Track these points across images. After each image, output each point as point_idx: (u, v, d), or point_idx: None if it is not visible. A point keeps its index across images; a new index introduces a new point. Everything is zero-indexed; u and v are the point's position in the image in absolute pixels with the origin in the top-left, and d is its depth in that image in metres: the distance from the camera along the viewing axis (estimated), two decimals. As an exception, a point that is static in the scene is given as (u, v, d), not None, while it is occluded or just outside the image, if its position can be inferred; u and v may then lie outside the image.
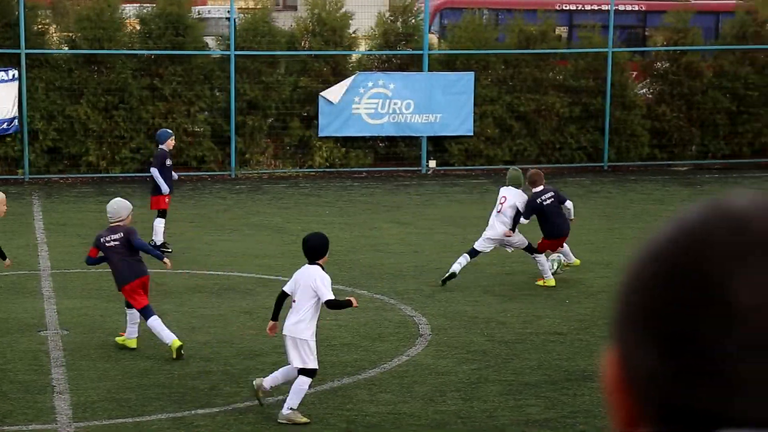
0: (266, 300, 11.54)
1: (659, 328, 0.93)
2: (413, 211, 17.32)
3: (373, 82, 20.98)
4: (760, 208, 0.93)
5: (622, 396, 0.98)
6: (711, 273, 0.91)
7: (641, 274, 0.95)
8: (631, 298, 0.96)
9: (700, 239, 0.92)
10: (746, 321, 0.90)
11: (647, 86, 22.66)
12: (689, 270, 0.92)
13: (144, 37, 20.55)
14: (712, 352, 0.91)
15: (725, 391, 0.92)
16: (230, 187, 19.86)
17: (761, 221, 0.92)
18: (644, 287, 0.94)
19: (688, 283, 0.92)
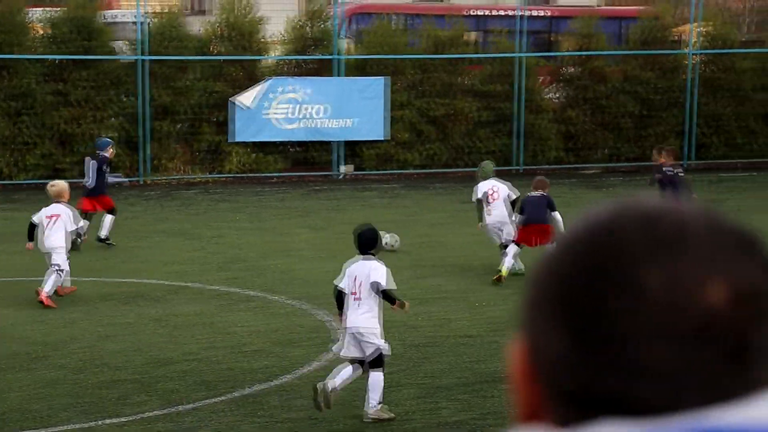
0: (176, 307, 11.44)
1: (571, 314, 0.96)
2: (326, 216, 17.32)
3: (285, 87, 20.94)
4: (667, 207, 0.98)
5: (529, 384, 1.00)
6: (623, 261, 0.95)
7: (556, 264, 0.98)
8: (544, 286, 0.99)
9: (612, 230, 0.97)
10: (655, 308, 0.94)
11: (556, 91, 23.04)
12: (601, 257, 0.96)
13: (51, 42, 20.19)
14: (622, 337, 0.94)
15: (632, 376, 0.94)
16: (140, 193, 19.61)
17: (669, 219, 0.97)
18: (558, 276, 0.98)
19: (601, 272, 0.95)
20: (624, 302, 0.94)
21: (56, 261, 11.71)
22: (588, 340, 0.95)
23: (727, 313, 0.94)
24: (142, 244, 15.05)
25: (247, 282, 12.67)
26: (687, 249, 0.95)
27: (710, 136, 23.26)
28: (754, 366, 0.96)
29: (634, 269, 0.94)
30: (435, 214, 17.60)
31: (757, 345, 0.96)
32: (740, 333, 0.95)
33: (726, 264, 0.95)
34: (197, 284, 12.57)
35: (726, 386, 0.95)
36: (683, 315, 0.94)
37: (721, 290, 0.94)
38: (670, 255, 0.95)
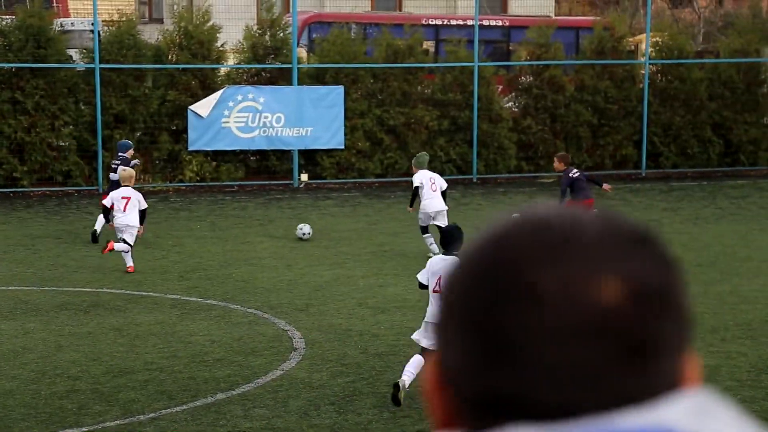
0: (136, 316, 11.35)
1: (470, 319, 0.98)
2: (286, 225, 17.28)
3: (243, 96, 20.88)
4: (558, 213, 1.00)
5: (440, 392, 1.01)
6: (517, 265, 0.97)
7: (458, 275, 1.01)
8: (448, 297, 1.01)
9: (508, 237, 0.99)
10: (550, 307, 0.95)
11: (513, 100, 23.19)
12: (497, 264, 0.98)
13: (3, 50, 19.98)
14: (519, 339, 0.95)
15: (531, 379, 0.95)
16: (97, 202, 19.42)
17: (562, 223, 0.98)
18: (459, 286, 1.00)
19: (496, 276, 0.97)
20: (519, 306, 0.95)
21: (128, 240, 13.65)
22: (488, 347, 0.96)
23: (623, 310, 0.95)
24: (99, 252, 14.91)
25: (207, 291, 12.60)
26: (579, 250, 0.96)
27: (664, 145, 23.54)
28: (654, 362, 0.96)
29: (527, 274, 0.96)
30: (394, 223, 17.63)
31: (656, 340, 0.96)
32: (637, 329, 0.95)
33: (619, 262, 0.96)
34: (157, 293, 12.49)
35: (626, 384, 0.95)
36: (578, 314, 0.94)
37: (616, 288, 0.95)
38: (563, 257, 0.96)
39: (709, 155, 23.72)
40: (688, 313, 1.00)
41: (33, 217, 17.81)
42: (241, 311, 11.66)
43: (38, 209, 18.66)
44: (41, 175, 20.26)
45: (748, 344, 10.21)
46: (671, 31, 24.15)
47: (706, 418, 0.94)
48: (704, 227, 17.13)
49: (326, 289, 12.75)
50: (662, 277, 0.99)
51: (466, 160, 22.40)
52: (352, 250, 15.21)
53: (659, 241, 1.01)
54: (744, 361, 9.66)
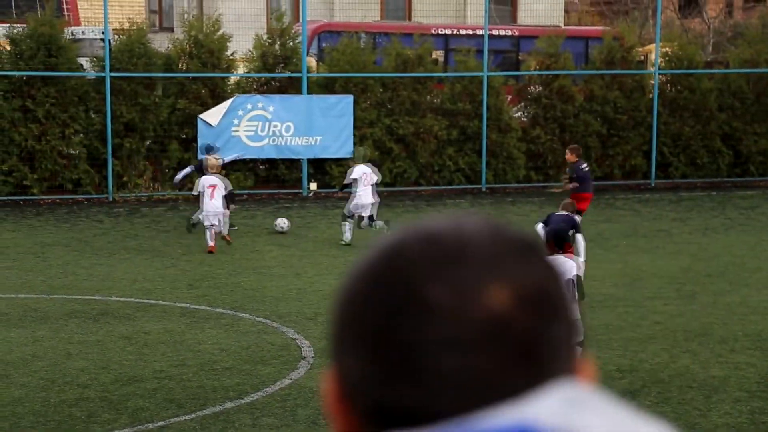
0: (145, 324, 11.38)
1: (366, 333, 0.99)
2: (294, 234, 17.30)
3: (253, 105, 20.93)
4: (449, 224, 1.02)
5: (338, 407, 1.02)
6: (408, 279, 0.98)
7: (349, 288, 1.02)
8: (341, 311, 1.02)
9: (398, 251, 1.00)
10: (442, 318, 0.96)
11: (522, 110, 23.20)
12: (389, 278, 0.99)
13: (15, 58, 20.06)
14: (414, 350, 0.97)
15: (424, 386, 0.97)
16: (108, 210, 19.50)
17: (450, 234, 1.00)
18: (351, 299, 1.01)
19: (389, 290, 0.99)
20: (409, 315, 0.97)
21: (213, 221, 15.36)
22: (384, 357, 0.97)
23: (512, 316, 0.97)
24: (110, 260, 14.96)
25: (216, 299, 12.62)
26: (467, 259, 0.98)
27: (674, 156, 23.52)
28: (543, 364, 0.98)
29: (417, 283, 0.97)
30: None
31: (544, 343, 0.98)
32: (527, 334, 0.97)
33: (507, 269, 0.98)
34: (166, 302, 12.51)
35: (517, 388, 0.97)
36: (468, 321, 0.96)
37: (504, 294, 0.97)
38: (451, 266, 0.97)
39: (719, 165, 23.69)
40: (572, 317, 1.03)
41: (43, 225, 17.87)
42: (249, 320, 11.68)
43: (48, 217, 18.72)
44: (51, 183, 20.33)
45: (757, 355, 10.19)
46: (681, 42, 24.14)
47: (577, 411, 0.95)
48: (714, 238, 17.10)
49: (335, 298, 12.74)
50: (547, 282, 1.01)
51: (475, 170, 22.41)
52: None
53: (542, 248, 1.04)
54: (753, 372, 9.64)
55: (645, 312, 12.01)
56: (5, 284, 13.34)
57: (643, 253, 15.77)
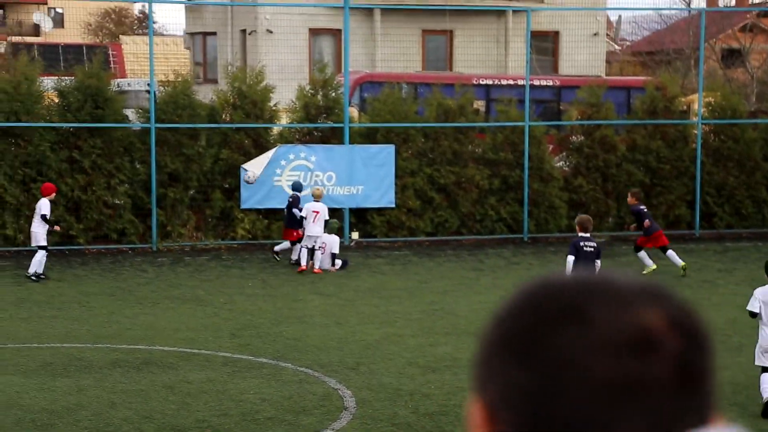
0: (188, 374, 11.41)
1: (521, 346, 1.07)
2: (336, 283, 17.32)
3: (295, 155, 21.09)
4: (585, 274, 1.13)
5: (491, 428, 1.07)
6: (564, 297, 1.08)
7: (501, 312, 1.12)
8: (492, 333, 1.10)
9: (549, 285, 1.11)
10: (597, 326, 1.05)
11: (564, 159, 23.16)
12: (543, 297, 1.09)
13: (63, 110, 20.41)
14: (569, 357, 1.04)
15: (585, 393, 1.03)
16: (151, 259, 19.66)
17: (596, 275, 1.13)
18: (503, 320, 1.11)
19: (543, 305, 1.08)
20: (565, 324, 1.05)
21: (319, 243, 17.68)
22: (536, 367, 1.04)
23: (664, 333, 1.05)
24: (154, 310, 15.05)
25: (258, 349, 12.64)
26: (619, 289, 1.09)
27: (718, 206, 23.32)
28: (701, 389, 1.04)
29: (575, 301, 1.07)
30: (445, 282, 17.59)
31: (700, 369, 1.05)
32: (684, 353, 1.04)
33: (656, 299, 1.09)
34: (209, 351, 12.55)
35: (676, 405, 1.03)
36: (622, 329, 1.05)
37: (656, 314, 1.06)
38: (604, 292, 1.08)
39: (764, 216, 23.45)
40: (716, 363, 1.10)
41: (88, 275, 18.04)
42: (291, 369, 11.67)
43: (93, 267, 18.90)
44: (97, 232, 20.55)
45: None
46: (724, 91, 24.03)
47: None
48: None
49: (376, 348, 12.73)
50: (695, 316, 1.11)
51: (516, 219, 22.36)
52: (403, 308, 15.19)
53: (674, 293, 1.14)
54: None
55: (691, 363, 11.84)
56: (51, 333, 13.46)
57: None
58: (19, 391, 10.78)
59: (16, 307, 15.07)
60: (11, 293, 16.13)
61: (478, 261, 19.82)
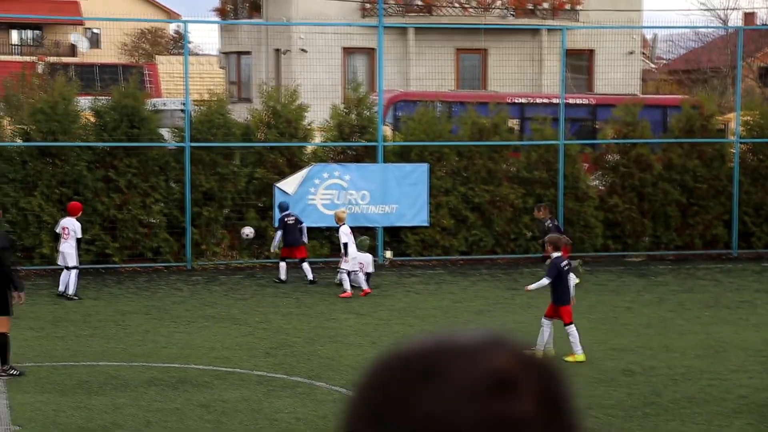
0: (223, 393, 11.40)
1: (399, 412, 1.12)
2: (371, 302, 17.28)
3: (329, 173, 21.11)
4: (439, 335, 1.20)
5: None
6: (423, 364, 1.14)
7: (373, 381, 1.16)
8: (366, 401, 1.15)
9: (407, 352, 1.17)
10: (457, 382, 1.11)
11: (599, 178, 23.02)
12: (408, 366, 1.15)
13: (99, 130, 20.56)
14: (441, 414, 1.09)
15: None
16: (186, 278, 19.71)
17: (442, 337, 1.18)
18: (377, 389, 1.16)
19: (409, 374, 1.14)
20: (432, 388, 1.10)
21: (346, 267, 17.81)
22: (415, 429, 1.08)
23: (519, 371, 1.10)
24: (189, 328, 15.08)
25: (293, 368, 12.61)
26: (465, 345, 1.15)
27: (756, 225, 23.07)
28: (564, 421, 1.10)
29: (431, 366, 1.13)
30: (480, 301, 17.50)
31: (561, 400, 1.11)
32: (539, 387, 1.09)
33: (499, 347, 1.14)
34: (244, 370, 12.54)
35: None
36: (482, 379, 1.10)
37: (505, 357, 1.12)
38: (455, 350, 1.13)
39: (803, 234, 23.15)
40: (575, 395, 1.16)
41: (123, 293, 18.11)
42: (326, 389, 11.63)
43: (129, 285, 18.98)
44: (132, 251, 20.65)
45: None
46: (762, 110, 23.80)
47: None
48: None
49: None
50: (543, 358, 1.15)
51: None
52: (437, 327, 15.11)
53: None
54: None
55: (729, 385, 11.69)
56: (87, 352, 13.51)
57: (725, 324, 15.41)
58: (56, 410, 10.81)
59: (53, 325, 15.15)
60: (48, 312, 16.22)
61: (513, 280, 19.71)
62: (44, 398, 11.24)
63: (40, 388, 11.67)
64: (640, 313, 16.40)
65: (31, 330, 14.55)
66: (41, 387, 11.71)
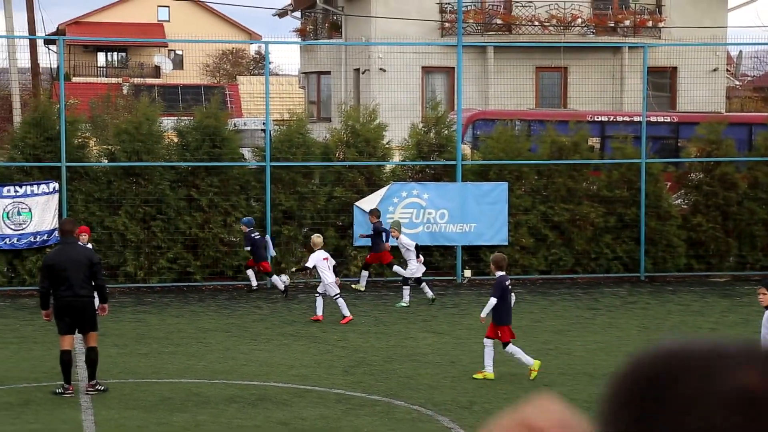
0: (302, 410, 11.45)
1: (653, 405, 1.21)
2: (449, 321, 17.22)
3: (408, 192, 21.13)
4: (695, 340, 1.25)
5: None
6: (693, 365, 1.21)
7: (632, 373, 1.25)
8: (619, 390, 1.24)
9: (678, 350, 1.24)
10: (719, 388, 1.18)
11: (682, 197, 22.65)
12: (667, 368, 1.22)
13: (181, 149, 20.89)
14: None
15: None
16: (266, 296, 19.88)
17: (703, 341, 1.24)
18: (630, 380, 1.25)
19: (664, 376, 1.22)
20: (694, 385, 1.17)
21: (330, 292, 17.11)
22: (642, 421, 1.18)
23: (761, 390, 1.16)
24: (269, 346, 15.19)
25: (371, 386, 12.62)
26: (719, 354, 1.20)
27: None
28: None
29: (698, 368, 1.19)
30: (559, 321, 17.32)
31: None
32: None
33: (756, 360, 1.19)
34: (322, 388, 12.58)
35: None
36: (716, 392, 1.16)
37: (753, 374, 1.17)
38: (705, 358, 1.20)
39: None
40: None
41: (205, 311, 18.33)
42: (404, 407, 11.61)
43: (210, 303, 19.20)
44: (213, 269, 20.90)
45: None
46: None
47: None
48: None
49: (491, 387, 12.58)
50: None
51: (633, 258, 21.92)
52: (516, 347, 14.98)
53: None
54: None
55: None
56: (169, 369, 13.69)
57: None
58: (140, 426, 10.97)
59: (137, 342, 15.39)
60: (131, 329, 16.49)
61: (594, 300, 19.48)
62: (128, 414, 11.42)
63: (125, 404, 11.86)
64: (725, 334, 16.07)
65: (116, 347, 14.80)
66: (125, 403, 11.89)
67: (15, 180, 19.99)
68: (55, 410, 11.60)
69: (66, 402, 11.94)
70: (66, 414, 11.45)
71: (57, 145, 20.04)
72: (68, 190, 20.01)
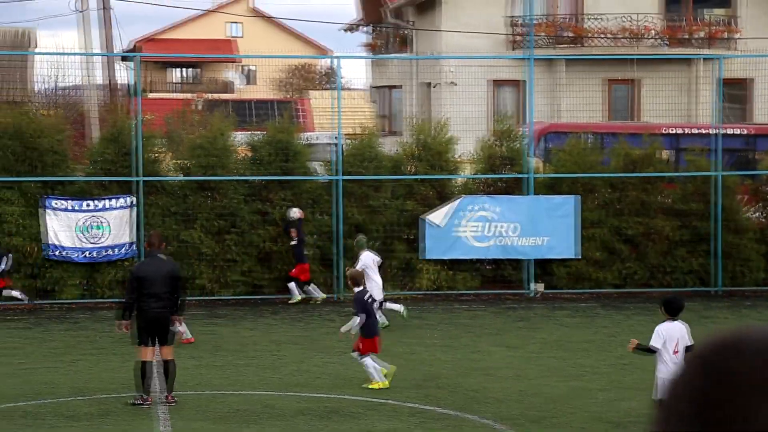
0: (374, 424, 11.50)
1: (697, 411, 1.21)
2: (519, 335, 17.15)
3: (478, 206, 21.11)
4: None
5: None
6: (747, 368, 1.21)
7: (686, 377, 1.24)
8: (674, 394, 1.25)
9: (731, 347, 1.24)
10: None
11: (759, 210, 22.27)
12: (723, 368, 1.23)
13: (254, 164, 21.13)
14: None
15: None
16: (338, 309, 19.98)
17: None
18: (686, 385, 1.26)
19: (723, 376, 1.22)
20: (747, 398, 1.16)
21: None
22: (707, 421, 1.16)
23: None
24: (341, 359, 15.26)
25: (441, 400, 12.63)
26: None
27: None
28: None
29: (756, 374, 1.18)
30: (635, 335, 17.05)
31: None
32: None
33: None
34: (396, 401, 12.62)
35: None
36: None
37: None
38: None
39: None
40: None
41: (278, 324, 18.49)
42: (474, 421, 11.60)
43: (283, 316, 19.37)
44: (283, 283, 21.07)
45: None
46: None
47: None
48: None
49: (561, 402, 12.51)
50: None
51: (708, 272, 21.61)
52: (590, 362, 14.89)
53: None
54: None
55: None
56: (244, 381, 13.85)
57: None
58: (213, 436, 11.11)
59: (212, 355, 15.59)
60: (207, 342, 16.71)
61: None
62: (202, 425, 11.58)
63: (200, 415, 12.03)
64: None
65: (192, 359, 15.00)
66: (201, 414, 12.06)
67: (94, 195, 20.41)
68: (133, 420, 11.81)
69: (143, 412, 12.15)
70: (144, 424, 11.65)
71: (133, 160, 20.42)
72: (145, 204, 20.37)
